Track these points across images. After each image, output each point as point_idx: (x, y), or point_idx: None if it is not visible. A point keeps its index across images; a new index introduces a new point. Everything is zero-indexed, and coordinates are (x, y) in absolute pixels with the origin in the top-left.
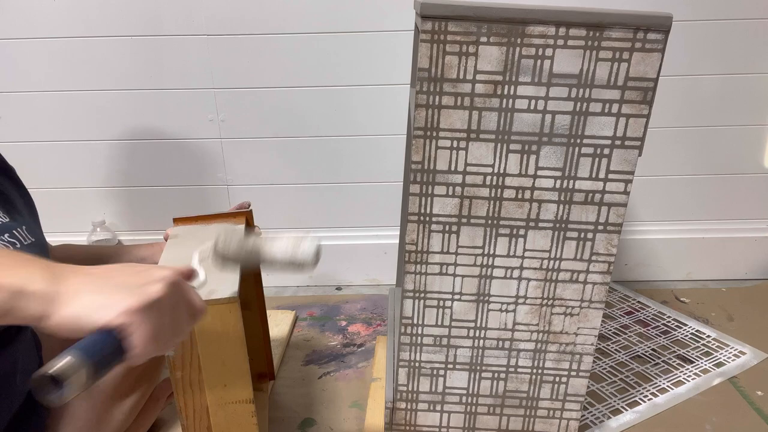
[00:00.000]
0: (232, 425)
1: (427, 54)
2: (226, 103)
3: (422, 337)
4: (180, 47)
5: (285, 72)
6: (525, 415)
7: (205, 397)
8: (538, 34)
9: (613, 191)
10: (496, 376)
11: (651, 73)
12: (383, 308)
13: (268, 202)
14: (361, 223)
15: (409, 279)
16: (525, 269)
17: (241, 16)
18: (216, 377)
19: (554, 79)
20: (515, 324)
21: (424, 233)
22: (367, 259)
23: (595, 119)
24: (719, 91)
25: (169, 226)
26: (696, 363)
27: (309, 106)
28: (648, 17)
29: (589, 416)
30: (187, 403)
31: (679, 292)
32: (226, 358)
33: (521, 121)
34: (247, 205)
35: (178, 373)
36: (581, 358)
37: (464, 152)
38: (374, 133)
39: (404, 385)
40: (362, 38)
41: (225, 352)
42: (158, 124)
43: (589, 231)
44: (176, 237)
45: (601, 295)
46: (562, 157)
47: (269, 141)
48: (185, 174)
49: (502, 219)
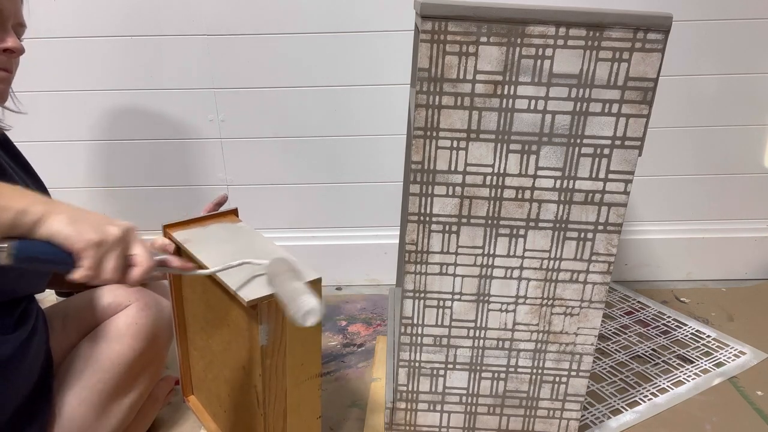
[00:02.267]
0: (303, 401)
1: (427, 54)
2: (226, 103)
3: (422, 337)
4: (180, 47)
5: (285, 72)
6: (525, 415)
7: (286, 379)
8: (538, 34)
9: (613, 191)
10: (496, 376)
11: (651, 73)
12: (383, 308)
13: (268, 202)
14: (361, 223)
15: (409, 279)
16: (525, 269)
17: (241, 16)
18: (296, 357)
19: (554, 79)
20: (515, 324)
21: (424, 233)
22: (367, 259)
23: (595, 119)
24: (719, 91)
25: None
26: (696, 363)
27: (309, 106)
28: (648, 17)
29: (589, 416)
30: (271, 388)
31: (679, 292)
32: (305, 337)
33: (521, 121)
34: (225, 199)
35: (267, 360)
36: (581, 358)
37: (464, 152)
38: (374, 133)
39: (404, 385)
40: (362, 38)
41: (306, 331)
42: (158, 124)
43: (589, 231)
44: (190, 241)
45: (601, 295)
46: (562, 157)
47: (269, 141)
48: (185, 174)
49: (502, 219)
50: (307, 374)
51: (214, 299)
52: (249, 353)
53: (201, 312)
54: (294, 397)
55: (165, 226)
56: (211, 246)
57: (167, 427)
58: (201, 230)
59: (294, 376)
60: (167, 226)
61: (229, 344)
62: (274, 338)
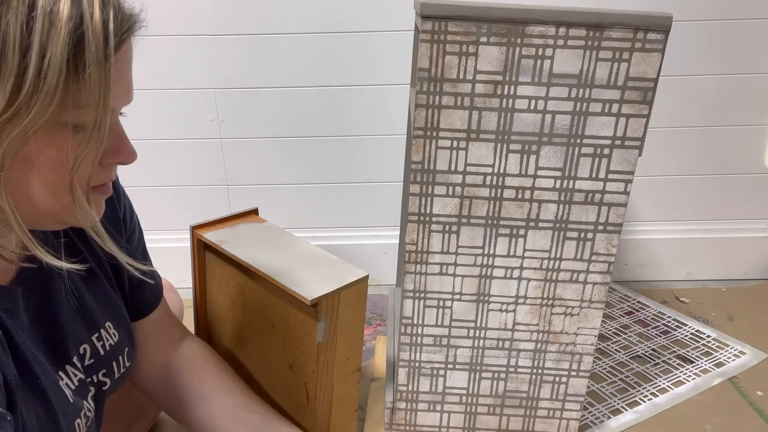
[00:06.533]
0: (345, 395)
1: (427, 54)
2: (226, 103)
3: (422, 337)
4: (180, 47)
5: (285, 72)
6: (525, 415)
7: (334, 374)
8: (538, 34)
9: (613, 191)
10: (496, 376)
11: (651, 73)
12: (383, 308)
13: (268, 202)
14: (361, 223)
15: (409, 279)
16: (525, 269)
17: (241, 16)
18: (344, 353)
19: (554, 79)
20: (515, 324)
21: (424, 233)
22: (367, 259)
23: (595, 119)
24: (719, 91)
25: (169, 226)
26: (696, 363)
27: (309, 106)
28: (648, 17)
29: (589, 416)
30: (321, 384)
31: (679, 292)
32: (352, 333)
33: (521, 121)
34: None
35: (321, 357)
36: (581, 358)
37: (464, 152)
38: (374, 133)
39: (404, 385)
40: (362, 38)
41: (353, 328)
42: (158, 124)
43: (589, 231)
44: (225, 242)
45: (601, 295)
46: (562, 157)
47: (269, 141)
48: (185, 174)
49: (502, 219)
50: (351, 369)
51: (254, 300)
52: (300, 351)
53: (233, 315)
54: (338, 391)
55: (193, 227)
56: (249, 247)
57: (167, 426)
58: (230, 230)
59: (340, 370)
60: (195, 227)
61: (272, 345)
62: (328, 335)
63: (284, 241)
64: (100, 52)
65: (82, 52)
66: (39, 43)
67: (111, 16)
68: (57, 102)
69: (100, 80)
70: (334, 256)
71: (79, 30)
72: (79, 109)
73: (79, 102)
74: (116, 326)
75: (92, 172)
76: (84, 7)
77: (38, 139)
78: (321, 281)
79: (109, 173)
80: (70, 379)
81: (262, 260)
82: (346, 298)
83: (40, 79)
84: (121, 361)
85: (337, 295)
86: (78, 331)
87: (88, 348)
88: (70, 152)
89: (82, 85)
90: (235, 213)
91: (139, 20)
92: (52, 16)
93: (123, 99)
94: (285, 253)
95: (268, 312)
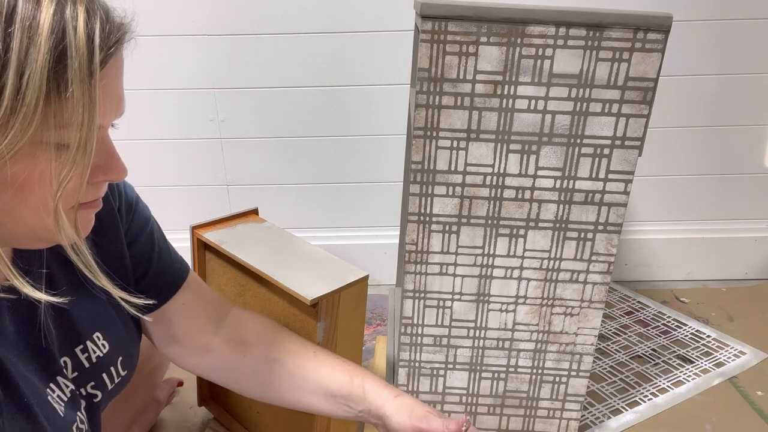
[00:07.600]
0: None
1: (427, 54)
2: (226, 103)
3: (422, 337)
4: (180, 47)
5: (285, 72)
6: (525, 415)
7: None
8: (538, 34)
9: (613, 191)
10: (496, 376)
11: (651, 73)
12: (383, 308)
13: (268, 202)
14: (361, 223)
15: (409, 279)
16: (525, 269)
17: (241, 16)
18: (344, 353)
19: (554, 79)
20: (515, 324)
21: (424, 233)
22: (367, 259)
23: (595, 119)
24: (719, 91)
25: (169, 226)
26: (696, 363)
27: (309, 106)
28: (648, 17)
29: (589, 416)
30: None
31: (679, 292)
32: (352, 333)
33: (521, 121)
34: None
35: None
36: (581, 358)
37: (464, 152)
38: (374, 133)
39: (404, 385)
40: (362, 38)
41: (353, 328)
42: (158, 124)
43: (589, 231)
44: (225, 242)
45: (601, 295)
46: (562, 157)
47: (269, 141)
48: (185, 174)
49: (502, 219)
50: None
51: (254, 300)
52: None
53: None
54: None
55: (193, 227)
56: (249, 247)
57: (168, 426)
58: (230, 231)
59: None
60: (196, 227)
61: None
62: (328, 335)
63: (284, 241)
64: (84, 69)
65: (65, 69)
66: (17, 60)
67: (97, 29)
68: (37, 122)
69: (84, 99)
70: (334, 256)
71: (61, 45)
72: (62, 129)
73: (62, 122)
74: (107, 336)
75: (80, 191)
76: (67, 19)
77: (18, 161)
78: (321, 281)
79: (99, 190)
80: (62, 391)
81: (262, 260)
82: (346, 298)
83: (18, 100)
84: (113, 372)
85: (337, 295)
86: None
87: (69, 361)
88: (53, 174)
89: (64, 104)
90: (235, 213)
91: (129, 30)
92: (31, 31)
93: (112, 114)
94: (285, 253)
95: (268, 312)
